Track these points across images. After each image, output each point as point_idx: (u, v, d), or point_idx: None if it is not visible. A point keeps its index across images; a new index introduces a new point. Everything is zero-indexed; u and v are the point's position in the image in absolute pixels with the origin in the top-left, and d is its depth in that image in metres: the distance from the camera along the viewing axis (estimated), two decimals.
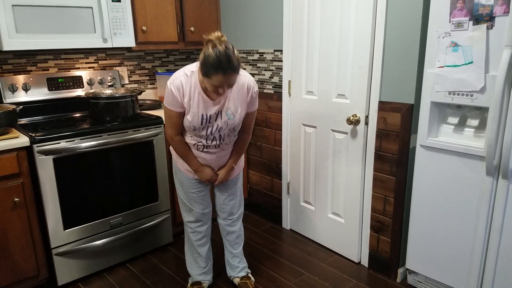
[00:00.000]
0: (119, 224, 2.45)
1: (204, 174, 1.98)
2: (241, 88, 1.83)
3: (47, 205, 2.15)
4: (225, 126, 1.87)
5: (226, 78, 1.62)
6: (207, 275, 2.26)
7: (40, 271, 2.24)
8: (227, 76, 1.62)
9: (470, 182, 1.88)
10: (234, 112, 1.84)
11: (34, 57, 2.60)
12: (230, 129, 1.90)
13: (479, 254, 1.91)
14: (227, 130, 1.89)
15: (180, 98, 1.78)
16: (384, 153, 2.25)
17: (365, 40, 2.19)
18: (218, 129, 1.87)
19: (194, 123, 1.83)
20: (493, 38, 1.68)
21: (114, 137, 2.33)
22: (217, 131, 1.87)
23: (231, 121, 1.86)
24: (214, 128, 1.86)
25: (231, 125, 1.88)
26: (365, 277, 2.40)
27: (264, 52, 2.84)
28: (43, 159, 2.10)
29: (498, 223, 1.81)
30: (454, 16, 1.78)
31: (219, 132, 1.88)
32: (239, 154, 2.06)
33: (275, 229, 3.01)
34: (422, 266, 2.16)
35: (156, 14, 2.72)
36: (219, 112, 1.83)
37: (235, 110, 1.84)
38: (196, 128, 1.84)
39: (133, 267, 2.52)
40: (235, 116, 1.86)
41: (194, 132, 1.88)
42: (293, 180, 2.88)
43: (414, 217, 2.14)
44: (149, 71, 3.16)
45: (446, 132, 1.98)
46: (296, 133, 2.76)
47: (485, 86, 1.73)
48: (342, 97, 2.40)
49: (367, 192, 2.39)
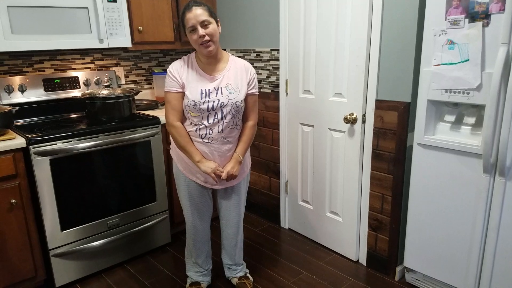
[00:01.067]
0: (116, 225, 2.45)
1: (206, 166, 1.89)
2: (240, 67, 1.92)
3: (44, 206, 2.15)
4: (227, 101, 1.85)
5: (194, 14, 1.75)
6: (206, 276, 2.25)
7: (38, 273, 2.23)
8: (193, 11, 1.75)
9: (467, 180, 1.88)
10: (235, 87, 1.88)
11: (30, 58, 2.59)
12: (233, 106, 1.86)
13: (476, 252, 1.91)
14: (230, 107, 1.86)
15: (179, 77, 1.86)
16: (381, 152, 2.25)
17: (362, 39, 2.19)
18: (220, 104, 1.84)
19: (194, 97, 1.83)
20: (489, 35, 1.68)
21: (111, 137, 2.32)
22: (218, 106, 1.84)
23: (233, 96, 1.86)
24: (216, 103, 1.84)
25: (233, 100, 1.86)
26: (363, 275, 2.40)
27: (261, 51, 2.84)
28: (39, 160, 2.09)
29: (496, 221, 1.81)
30: (450, 14, 1.78)
31: (221, 107, 1.85)
32: (246, 144, 1.98)
33: (274, 229, 3.01)
34: (420, 264, 2.16)
35: (152, 14, 2.71)
36: (219, 88, 1.86)
37: (236, 86, 1.88)
38: (196, 102, 1.83)
39: (131, 267, 2.52)
40: (236, 91, 1.87)
41: (194, 109, 1.84)
42: (291, 179, 2.88)
43: (412, 215, 2.14)
44: (146, 71, 3.15)
45: (443, 130, 1.98)
46: (293, 132, 2.76)
47: (482, 83, 1.74)
48: (339, 96, 2.40)
49: (364, 190, 2.39)
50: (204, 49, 1.80)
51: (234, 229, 2.16)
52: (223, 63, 1.92)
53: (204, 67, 1.89)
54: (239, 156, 1.96)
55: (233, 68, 1.91)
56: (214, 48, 1.81)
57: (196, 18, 1.75)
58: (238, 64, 1.93)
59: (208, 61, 1.88)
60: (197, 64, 1.90)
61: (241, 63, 1.94)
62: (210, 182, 1.99)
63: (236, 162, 1.95)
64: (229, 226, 2.15)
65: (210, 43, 1.79)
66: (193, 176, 2.00)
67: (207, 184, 2.00)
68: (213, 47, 1.80)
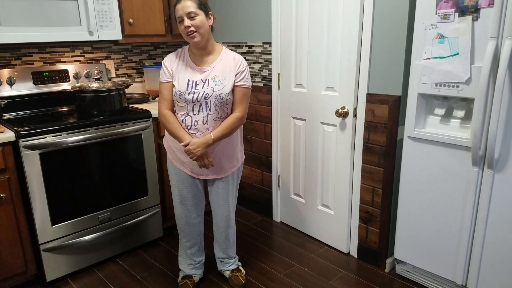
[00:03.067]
0: (108, 219, 2.43)
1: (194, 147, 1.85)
2: (230, 59, 1.93)
3: (34, 200, 2.13)
4: (211, 93, 1.87)
5: (181, 6, 1.81)
6: (199, 269, 2.26)
7: (28, 267, 2.22)
8: (182, 3, 1.81)
9: (456, 172, 1.90)
10: (221, 79, 1.90)
11: (19, 50, 2.55)
12: (217, 98, 1.87)
13: (465, 243, 1.94)
14: (214, 98, 1.87)
15: (170, 67, 1.93)
16: (372, 145, 2.27)
17: (353, 33, 2.20)
18: (204, 95, 1.87)
19: (180, 87, 1.88)
20: (478, 29, 1.70)
21: (101, 131, 2.30)
22: (203, 97, 1.87)
23: (218, 88, 1.88)
24: (200, 94, 1.87)
25: (217, 92, 1.87)
26: (354, 267, 2.43)
27: (253, 45, 2.83)
28: (29, 154, 2.07)
29: (484, 212, 1.85)
30: (440, 8, 1.79)
31: (205, 99, 1.87)
32: (222, 129, 1.90)
33: (266, 222, 3.02)
34: (410, 256, 2.19)
35: (143, 6, 2.69)
36: (206, 80, 1.89)
37: (222, 78, 1.90)
38: (182, 92, 1.87)
39: (123, 261, 2.51)
40: (222, 83, 1.89)
41: (180, 99, 1.88)
42: (283, 173, 2.89)
43: (402, 208, 2.17)
44: (137, 64, 3.13)
45: (433, 123, 2.00)
46: (285, 126, 2.77)
47: (471, 77, 1.76)
48: (331, 90, 2.40)
49: (356, 183, 2.41)
50: (191, 39, 1.85)
51: (224, 222, 2.16)
52: (215, 56, 1.93)
53: (195, 59, 1.93)
54: (211, 138, 1.88)
55: (224, 61, 1.92)
56: (200, 40, 1.84)
57: (183, 9, 1.81)
58: (230, 56, 1.94)
59: (199, 52, 1.91)
60: (189, 55, 1.95)
61: (232, 56, 1.95)
62: (196, 171, 2.00)
63: (203, 142, 1.87)
64: (219, 220, 2.16)
65: (196, 34, 1.83)
66: (181, 166, 2.02)
67: (194, 174, 2.02)
68: (199, 38, 1.84)
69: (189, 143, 1.87)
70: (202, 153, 1.88)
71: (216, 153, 1.98)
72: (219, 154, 1.99)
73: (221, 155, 2.00)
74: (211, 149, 1.94)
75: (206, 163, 1.93)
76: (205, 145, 1.88)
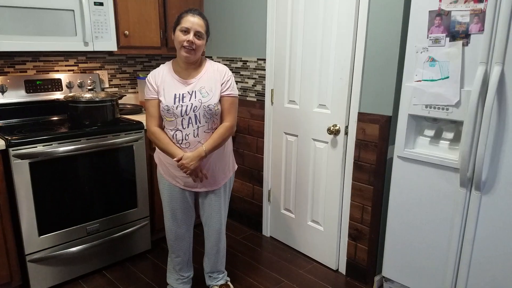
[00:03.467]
0: (96, 230, 2.41)
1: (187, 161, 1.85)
2: (215, 70, 1.95)
3: (22, 210, 2.10)
4: (199, 105, 1.87)
5: (195, 20, 1.83)
6: (186, 284, 2.24)
7: (13, 278, 2.18)
8: (196, 18, 1.84)
9: (444, 193, 1.93)
10: (208, 90, 1.91)
11: (12, 58, 2.54)
12: (206, 110, 1.88)
13: (452, 263, 1.96)
14: (202, 110, 1.88)
15: (155, 84, 1.92)
16: (362, 163, 2.29)
17: (346, 52, 2.24)
18: (193, 108, 1.87)
19: (168, 102, 1.88)
20: (469, 54, 1.75)
21: (93, 141, 2.29)
22: (191, 110, 1.87)
23: (205, 99, 1.88)
24: (189, 107, 1.87)
25: (206, 103, 1.88)
26: (343, 284, 2.43)
27: (248, 60, 2.86)
28: (19, 163, 2.05)
29: (471, 233, 1.87)
30: (431, 32, 1.84)
31: (194, 111, 1.87)
32: (213, 140, 1.90)
33: (255, 236, 3.02)
34: (398, 274, 2.21)
35: (139, 18, 2.70)
36: (193, 92, 1.90)
37: (209, 89, 1.91)
38: (169, 107, 1.87)
39: (109, 274, 2.48)
40: (209, 94, 1.90)
41: (168, 114, 1.88)
42: (274, 188, 2.90)
43: (391, 226, 2.18)
44: (130, 75, 3.13)
45: (422, 144, 2.03)
46: (278, 141, 2.78)
47: (460, 100, 1.80)
48: (323, 107, 2.43)
49: (345, 200, 2.42)
50: (184, 53, 1.85)
51: (216, 235, 2.15)
52: (200, 68, 1.96)
53: (180, 72, 1.94)
54: (203, 151, 1.88)
55: (208, 72, 1.94)
56: (193, 57, 1.88)
57: (193, 25, 1.83)
58: (215, 66, 1.97)
59: (186, 66, 1.92)
60: (173, 69, 1.95)
61: (215, 66, 1.97)
62: (190, 185, 2.00)
63: (195, 155, 1.87)
64: (211, 233, 2.15)
65: (192, 52, 1.85)
66: (173, 180, 2.01)
67: (188, 187, 2.01)
68: (193, 56, 1.87)
69: (182, 157, 1.87)
70: (195, 167, 1.88)
71: (209, 165, 1.98)
72: (212, 165, 2.00)
73: (214, 166, 2.01)
74: (204, 162, 1.95)
75: (200, 176, 1.93)
76: (198, 158, 1.88)
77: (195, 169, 1.89)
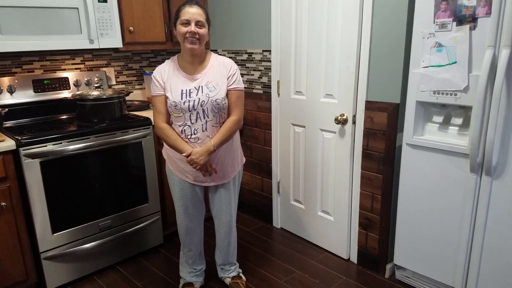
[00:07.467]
0: (108, 226, 2.44)
1: (196, 156, 1.87)
2: (221, 64, 1.95)
3: (35, 209, 2.13)
4: (207, 99, 1.87)
5: (193, 11, 1.82)
6: (199, 277, 2.26)
7: (29, 276, 2.22)
8: (194, 8, 1.83)
9: (455, 179, 1.92)
10: (215, 85, 1.90)
11: (19, 58, 2.56)
12: (214, 104, 1.88)
13: (464, 249, 1.96)
14: (210, 105, 1.88)
15: (161, 80, 1.91)
16: (371, 152, 2.29)
17: (352, 41, 2.22)
18: (200, 102, 1.87)
19: (175, 98, 1.88)
20: (476, 38, 1.72)
21: (101, 139, 2.31)
22: (199, 105, 1.87)
23: (213, 93, 1.88)
24: (196, 102, 1.87)
25: (213, 98, 1.88)
26: (354, 273, 2.43)
27: (253, 52, 2.85)
28: (29, 163, 2.07)
29: (482, 219, 1.86)
30: (438, 17, 1.82)
31: (201, 106, 1.87)
32: (221, 135, 1.92)
33: (266, 228, 3.03)
34: (410, 261, 2.21)
35: (143, 14, 2.70)
36: (200, 87, 1.89)
37: (216, 83, 1.91)
38: (177, 103, 1.87)
39: (123, 269, 2.51)
40: (216, 89, 1.90)
41: (176, 110, 1.88)
42: (283, 179, 2.91)
43: (401, 214, 2.18)
44: (137, 72, 3.14)
45: (431, 130, 2.02)
46: (285, 133, 2.78)
47: (469, 85, 1.78)
48: (330, 97, 2.42)
49: (355, 190, 2.42)
50: (189, 45, 1.84)
51: (226, 228, 2.17)
52: (205, 63, 1.95)
53: (186, 67, 1.93)
54: (212, 145, 1.90)
55: (214, 66, 1.94)
56: (197, 48, 1.85)
57: (193, 15, 1.82)
58: (220, 60, 1.96)
59: (191, 60, 1.91)
60: (179, 65, 1.94)
61: (221, 60, 1.96)
62: (200, 179, 2.00)
63: (204, 150, 1.89)
64: (221, 226, 2.17)
65: (197, 42, 1.84)
66: (183, 175, 2.02)
67: (198, 182, 2.02)
68: (197, 46, 1.85)
69: (191, 153, 1.88)
70: (205, 161, 1.90)
71: (218, 159, 1.99)
72: (221, 159, 2.00)
73: (223, 160, 2.01)
74: (213, 156, 1.95)
75: (210, 170, 1.94)
76: (207, 153, 1.89)
77: (204, 164, 1.90)
